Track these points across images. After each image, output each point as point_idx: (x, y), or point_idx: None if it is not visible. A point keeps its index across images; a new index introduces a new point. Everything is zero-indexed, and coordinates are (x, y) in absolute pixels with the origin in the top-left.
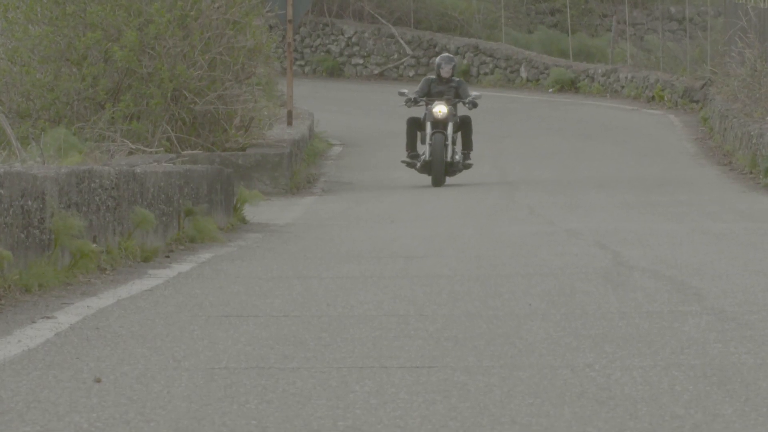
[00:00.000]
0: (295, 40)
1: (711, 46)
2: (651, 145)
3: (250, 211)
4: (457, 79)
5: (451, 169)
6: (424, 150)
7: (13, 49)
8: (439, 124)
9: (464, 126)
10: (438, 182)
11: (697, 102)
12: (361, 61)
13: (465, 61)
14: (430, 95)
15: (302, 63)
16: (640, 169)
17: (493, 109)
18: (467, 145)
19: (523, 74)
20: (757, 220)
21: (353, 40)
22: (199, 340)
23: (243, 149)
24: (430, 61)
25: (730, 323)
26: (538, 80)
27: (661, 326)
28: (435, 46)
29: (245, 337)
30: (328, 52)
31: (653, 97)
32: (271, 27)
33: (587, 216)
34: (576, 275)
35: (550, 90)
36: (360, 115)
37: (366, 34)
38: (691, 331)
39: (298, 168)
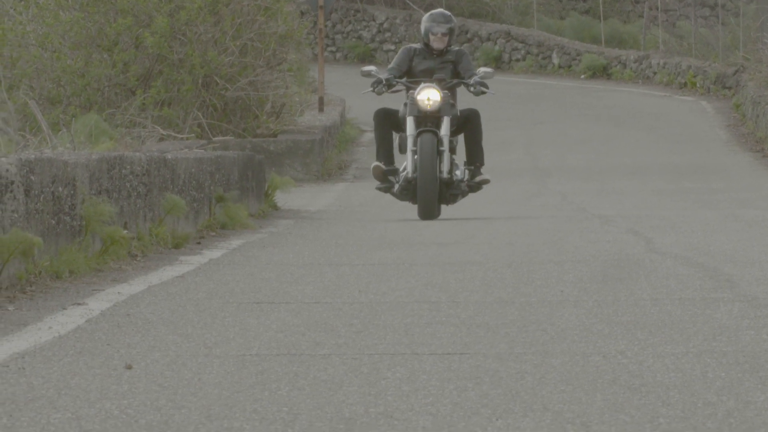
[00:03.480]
0: (326, 26)
1: (743, 32)
2: (683, 131)
3: (281, 198)
4: (456, 48)
5: (450, 191)
6: (405, 163)
7: (43, 35)
8: (428, 121)
9: (469, 124)
10: (428, 212)
11: (729, 88)
12: (392, 47)
13: (497, 48)
14: (412, 74)
15: (333, 49)
16: (673, 156)
17: (525, 95)
18: (474, 155)
19: (555, 60)
20: None
21: (385, 26)
22: (230, 326)
23: (274, 135)
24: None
25: (762, 310)
26: (570, 66)
27: (694, 313)
28: (467, 32)
29: (276, 324)
30: (359, 38)
31: (685, 84)
32: (302, 13)
33: (619, 202)
34: (608, 262)
35: (582, 76)
36: (392, 102)
37: (398, 20)
38: (723, 318)
39: (330, 154)
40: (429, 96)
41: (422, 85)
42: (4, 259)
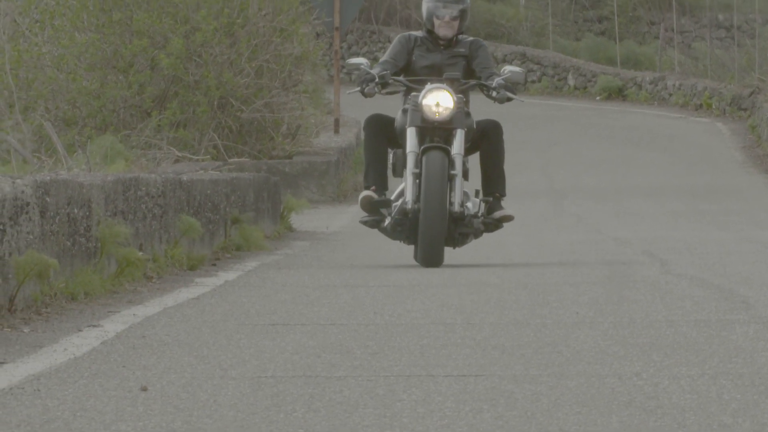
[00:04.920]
0: (342, 47)
1: (759, 54)
2: (699, 153)
3: (296, 220)
4: (471, 38)
5: (459, 229)
6: (402, 188)
7: (59, 57)
8: (436, 134)
9: (487, 141)
10: (433, 256)
11: (744, 110)
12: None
13: None
14: (411, 72)
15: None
16: (688, 178)
17: (541, 116)
18: (493, 182)
19: (571, 82)
20: None
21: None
22: (246, 348)
23: (290, 157)
24: None
25: None
26: (585, 88)
27: (709, 335)
28: None
29: (292, 346)
30: (375, 59)
31: (701, 105)
32: (318, 34)
33: (635, 224)
34: (624, 283)
35: (598, 98)
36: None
37: None
38: (739, 339)
39: (346, 176)
40: (439, 101)
41: (429, 85)
42: (20, 281)
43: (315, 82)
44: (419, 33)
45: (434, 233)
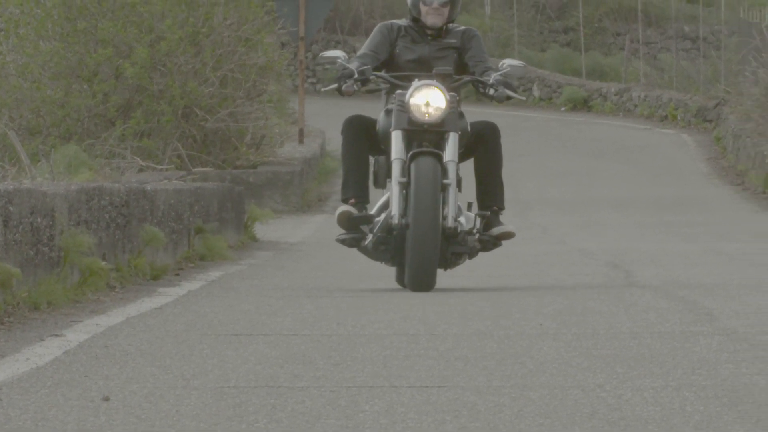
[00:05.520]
0: (306, 57)
1: (725, 66)
2: (664, 164)
3: (260, 229)
4: (462, 27)
5: (452, 248)
6: (384, 201)
7: (23, 65)
8: (426, 138)
9: (483, 146)
10: (425, 278)
11: (710, 121)
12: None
13: None
14: (395, 66)
15: (314, 80)
16: (653, 189)
17: (506, 127)
18: (491, 193)
19: (536, 93)
20: None
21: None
22: (209, 358)
23: (254, 167)
24: None
25: (742, 344)
26: (550, 99)
27: (673, 347)
28: None
29: (255, 356)
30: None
31: (666, 117)
32: (283, 44)
33: (600, 235)
34: (588, 295)
35: (563, 109)
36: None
37: None
38: (702, 351)
39: (310, 186)
40: (428, 100)
41: (417, 82)
42: None
43: (280, 91)
44: (403, 21)
45: (426, 253)
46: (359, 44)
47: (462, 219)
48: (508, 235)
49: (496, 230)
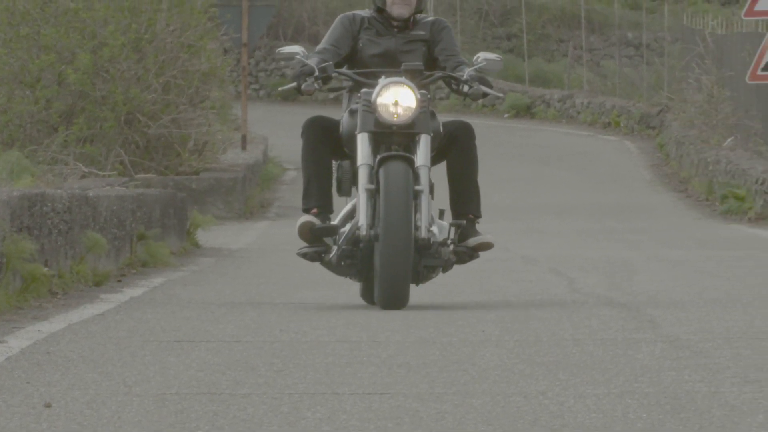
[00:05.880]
0: (249, 63)
1: (668, 72)
2: (607, 171)
3: (203, 236)
4: (431, 18)
5: (424, 261)
6: (349, 210)
7: None
8: (395, 140)
9: (458, 147)
10: (397, 297)
11: (653, 128)
12: (316, 86)
13: None
14: (359, 62)
15: (257, 87)
16: (597, 196)
17: None
18: (466, 200)
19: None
20: (713, 248)
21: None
22: (151, 365)
23: (197, 173)
24: None
25: (684, 351)
26: (493, 105)
27: (615, 354)
28: None
29: (197, 363)
30: (283, 76)
31: (609, 123)
32: (225, 50)
33: (543, 242)
34: (530, 302)
35: (506, 115)
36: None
37: None
38: (645, 359)
39: (252, 192)
40: (397, 98)
41: (384, 79)
42: None
43: (222, 98)
44: (366, 12)
45: (398, 267)
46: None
47: (435, 229)
48: (486, 246)
49: (472, 240)
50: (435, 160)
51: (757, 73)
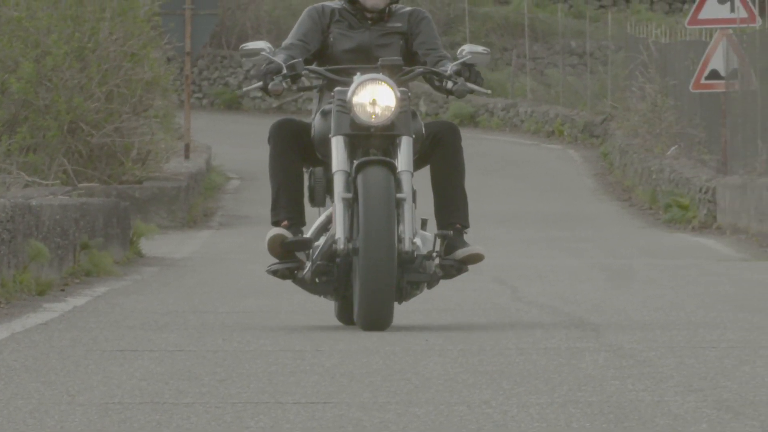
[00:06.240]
0: (193, 72)
1: (611, 81)
2: (551, 180)
3: (146, 245)
4: (409, 8)
5: (409, 276)
6: (323, 221)
7: None
8: (373, 144)
9: (442, 150)
10: (380, 316)
11: (597, 137)
12: (259, 94)
13: None
14: (327, 58)
15: (200, 96)
16: (541, 205)
17: None
18: (452, 208)
19: (423, 108)
20: (657, 257)
21: (252, 72)
22: (94, 374)
23: (140, 182)
24: None
25: (627, 360)
26: (437, 114)
27: (559, 363)
28: None
29: (140, 372)
30: (226, 84)
31: (553, 132)
32: (169, 59)
33: (487, 251)
34: (474, 311)
35: None
36: (258, 149)
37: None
38: (588, 367)
39: (196, 201)
40: (375, 97)
41: (359, 76)
42: None
43: (166, 107)
44: (336, 4)
45: (381, 283)
46: (246, 59)
47: (418, 240)
48: (476, 258)
49: (460, 252)
50: (417, 164)
51: (701, 82)
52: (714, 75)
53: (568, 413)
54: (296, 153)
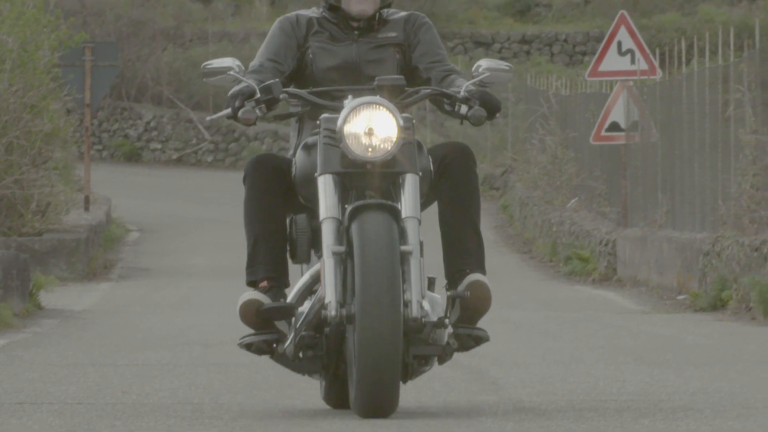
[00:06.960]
0: (92, 124)
1: (512, 133)
2: None
3: (46, 297)
4: (404, 14)
5: (416, 349)
6: (308, 281)
7: None
8: (370, 184)
9: (451, 180)
10: (384, 401)
11: (497, 189)
12: (159, 146)
13: None
14: (306, 78)
15: (100, 147)
16: (440, 257)
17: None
18: (465, 253)
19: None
20: (557, 309)
21: (152, 124)
22: None
23: (39, 234)
24: (229, 147)
25: (527, 413)
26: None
27: (458, 416)
28: (234, 131)
29: (38, 425)
30: (126, 136)
31: None
32: (69, 111)
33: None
34: None
35: None
36: (158, 201)
37: (164, 119)
38: (487, 421)
39: (95, 253)
40: (372, 126)
41: (352, 101)
42: None
43: (65, 158)
44: (314, 12)
45: (384, 359)
46: (145, 111)
47: (427, 304)
48: (481, 288)
49: (463, 282)
50: (423, 204)
51: (601, 134)
52: (614, 127)
53: None
54: (278, 196)
